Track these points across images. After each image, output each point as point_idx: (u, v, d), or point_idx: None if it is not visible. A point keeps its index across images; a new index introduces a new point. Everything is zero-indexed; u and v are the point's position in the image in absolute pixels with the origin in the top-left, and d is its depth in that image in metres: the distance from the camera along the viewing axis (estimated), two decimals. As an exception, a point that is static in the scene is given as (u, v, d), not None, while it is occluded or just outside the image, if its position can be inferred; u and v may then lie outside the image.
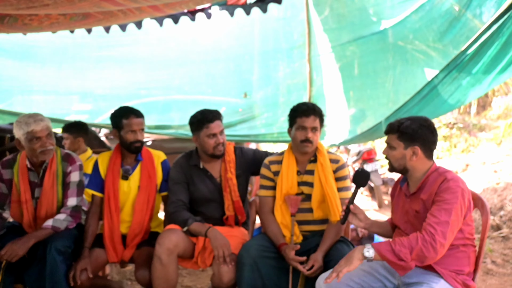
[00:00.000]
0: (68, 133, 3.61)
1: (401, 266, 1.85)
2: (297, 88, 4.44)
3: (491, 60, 2.71)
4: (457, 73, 2.89)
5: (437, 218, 1.86)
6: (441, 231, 1.83)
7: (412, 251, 1.83)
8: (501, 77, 2.82)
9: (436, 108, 3.22)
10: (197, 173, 2.68)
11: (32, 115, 2.50)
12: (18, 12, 2.20)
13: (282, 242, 2.44)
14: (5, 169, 2.60)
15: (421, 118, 2.06)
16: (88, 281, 2.44)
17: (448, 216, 1.85)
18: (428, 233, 1.84)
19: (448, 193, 1.89)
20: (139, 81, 4.47)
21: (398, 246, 1.85)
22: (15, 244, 2.35)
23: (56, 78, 4.33)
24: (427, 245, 1.82)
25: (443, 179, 1.94)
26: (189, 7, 3.23)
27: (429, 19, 3.49)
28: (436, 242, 1.82)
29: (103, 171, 2.71)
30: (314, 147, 2.51)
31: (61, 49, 4.21)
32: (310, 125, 2.45)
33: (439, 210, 1.87)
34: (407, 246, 1.84)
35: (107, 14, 2.53)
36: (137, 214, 2.66)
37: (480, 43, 2.64)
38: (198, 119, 2.60)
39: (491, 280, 3.52)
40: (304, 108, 2.47)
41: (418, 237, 1.85)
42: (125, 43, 4.22)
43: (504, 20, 2.49)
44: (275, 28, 4.31)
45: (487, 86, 2.95)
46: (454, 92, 3.02)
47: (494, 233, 4.47)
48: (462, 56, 2.79)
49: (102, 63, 4.36)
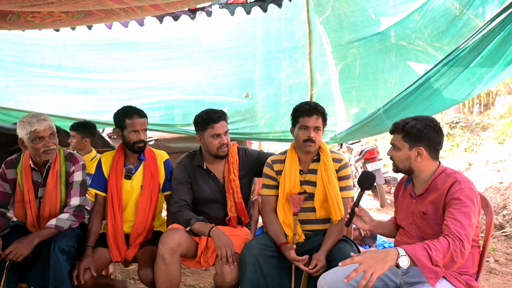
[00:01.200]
0: (77, 132, 3.61)
1: (436, 272, 1.72)
2: (299, 87, 4.43)
3: (490, 55, 2.69)
4: (454, 67, 2.87)
5: (459, 222, 1.79)
6: (466, 235, 1.77)
7: (445, 256, 1.74)
8: (499, 75, 2.81)
9: (432, 103, 3.20)
10: (200, 173, 2.68)
11: (36, 115, 2.51)
12: (21, 9, 2.21)
13: (282, 241, 2.44)
14: (9, 168, 2.62)
15: (427, 118, 2.03)
16: (91, 280, 2.44)
17: (469, 219, 1.81)
18: (457, 238, 1.76)
19: (464, 195, 1.85)
20: (141, 81, 4.48)
21: (434, 251, 1.72)
22: (20, 243, 2.37)
23: (56, 76, 4.35)
24: (457, 250, 1.75)
25: (454, 181, 1.90)
26: (190, 6, 3.24)
27: (431, 19, 3.48)
28: (464, 247, 1.76)
29: (106, 171, 2.72)
30: (317, 147, 2.51)
31: (61, 48, 4.23)
32: (312, 125, 2.45)
33: (459, 213, 1.82)
34: (440, 250, 1.74)
35: (109, 12, 2.54)
36: (140, 214, 2.66)
37: (479, 38, 2.63)
38: (203, 119, 2.60)
39: (494, 279, 3.51)
40: (307, 108, 2.47)
41: (450, 242, 1.75)
42: (126, 41, 4.23)
43: (505, 17, 2.48)
44: (277, 28, 4.31)
45: (483, 85, 2.93)
46: (449, 86, 3.01)
47: (497, 232, 4.46)
48: (459, 51, 2.78)
49: (104, 61, 4.37)
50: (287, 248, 2.37)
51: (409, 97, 3.23)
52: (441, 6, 3.35)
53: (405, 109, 3.29)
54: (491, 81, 2.89)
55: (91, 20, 2.74)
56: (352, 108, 4.30)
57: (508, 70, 2.75)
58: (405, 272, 2.04)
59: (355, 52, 4.07)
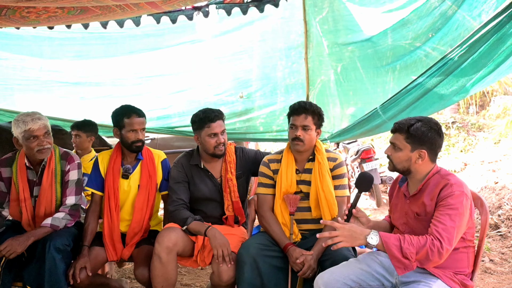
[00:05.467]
0: (82, 131, 3.57)
1: (404, 264, 1.82)
2: (296, 88, 4.43)
3: (479, 58, 2.72)
4: (449, 69, 2.90)
5: (443, 224, 1.84)
6: (447, 237, 1.82)
7: (419, 252, 1.81)
8: (489, 77, 2.84)
9: (429, 103, 3.22)
10: (197, 172, 2.68)
11: (30, 114, 2.49)
12: (17, 4, 2.20)
13: (288, 243, 2.44)
14: (4, 167, 2.60)
15: (431, 120, 2.01)
16: (87, 279, 2.44)
17: (454, 221, 1.84)
18: (436, 238, 1.82)
19: (453, 198, 1.87)
20: (137, 79, 4.47)
21: (406, 243, 1.82)
22: (14, 240, 2.36)
23: (53, 74, 4.35)
24: (434, 250, 1.80)
25: (445, 183, 1.91)
26: (187, 4, 3.23)
27: (428, 20, 3.49)
28: (443, 248, 1.81)
29: (103, 170, 2.72)
30: (307, 146, 2.50)
31: (60, 46, 4.22)
32: (300, 123, 2.45)
33: (444, 215, 1.85)
34: (415, 245, 1.82)
35: (105, 9, 2.53)
36: (136, 213, 2.66)
37: (473, 41, 2.65)
38: (200, 118, 2.60)
39: (489, 278, 3.53)
40: (296, 107, 2.49)
41: (428, 240, 1.82)
42: (124, 40, 4.22)
43: (500, 20, 2.50)
44: (274, 28, 4.31)
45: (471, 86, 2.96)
46: (446, 86, 3.02)
47: (492, 232, 4.49)
48: (454, 53, 2.80)
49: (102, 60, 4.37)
50: (294, 250, 2.36)
51: (406, 97, 3.24)
52: (438, 6, 3.36)
53: (403, 110, 3.30)
54: (483, 82, 2.92)
55: (87, 17, 2.73)
56: (349, 108, 4.30)
57: (497, 72, 2.78)
58: None
59: (352, 53, 4.07)
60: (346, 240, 1.85)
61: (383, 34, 3.79)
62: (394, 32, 3.74)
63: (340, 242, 1.85)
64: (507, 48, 2.61)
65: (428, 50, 3.56)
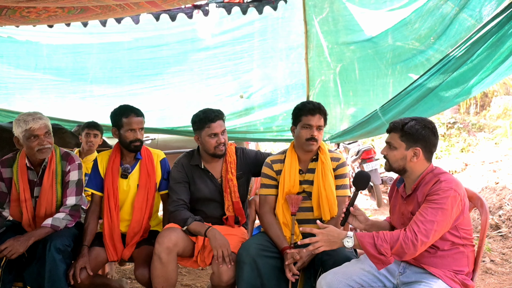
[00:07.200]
0: (99, 130, 3.66)
1: (380, 260, 1.87)
2: (296, 88, 4.44)
3: (478, 59, 2.72)
4: (449, 70, 2.90)
5: (423, 216, 1.87)
6: (424, 229, 1.84)
7: (393, 246, 1.85)
8: (488, 78, 2.83)
9: (429, 105, 3.22)
10: (198, 173, 2.68)
11: (31, 113, 2.50)
12: (17, 4, 2.20)
13: (285, 246, 2.43)
14: (5, 167, 2.60)
15: (425, 119, 2.05)
16: (87, 279, 2.43)
17: (435, 215, 1.85)
18: (411, 230, 1.86)
19: (439, 193, 1.89)
20: (136, 78, 4.47)
21: (380, 240, 1.87)
22: (15, 241, 2.36)
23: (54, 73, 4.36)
24: (407, 242, 1.84)
25: (436, 180, 1.93)
26: (187, 3, 3.23)
27: (428, 20, 3.49)
28: (417, 240, 1.83)
29: (103, 170, 2.71)
30: (318, 145, 2.52)
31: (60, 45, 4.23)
32: (316, 124, 2.46)
33: (426, 208, 1.88)
34: (389, 241, 1.86)
35: (105, 8, 2.53)
36: (136, 213, 2.66)
37: (472, 42, 2.65)
38: (200, 118, 2.60)
39: (490, 279, 3.53)
40: (310, 107, 2.49)
41: (401, 233, 1.87)
42: (122, 38, 4.22)
43: (499, 20, 2.50)
44: (274, 28, 4.32)
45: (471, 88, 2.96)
46: (446, 88, 3.03)
47: (493, 232, 4.48)
48: (453, 54, 2.80)
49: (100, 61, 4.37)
50: (288, 256, 2.34)
51: (406, 99, 3.24)
52: (439, 7, 3.35)
53: (403, 112, 3.31)
54: (483, 84, 2.92)
55: (87, 16, 2.73)
56: (349, 108, 4.30)
57: (496, 74, 2.78)
58: (402, 272, 2.05)
59: (352, 53, 4.07)
60: (325, 244, 1.93)
61: (384, 35, 3.79)
62: (394, 32, 3.74)
63: (320, 246, 1.92)
64: (506, 49, 2.61)
65: (431, 53, 3.55)
